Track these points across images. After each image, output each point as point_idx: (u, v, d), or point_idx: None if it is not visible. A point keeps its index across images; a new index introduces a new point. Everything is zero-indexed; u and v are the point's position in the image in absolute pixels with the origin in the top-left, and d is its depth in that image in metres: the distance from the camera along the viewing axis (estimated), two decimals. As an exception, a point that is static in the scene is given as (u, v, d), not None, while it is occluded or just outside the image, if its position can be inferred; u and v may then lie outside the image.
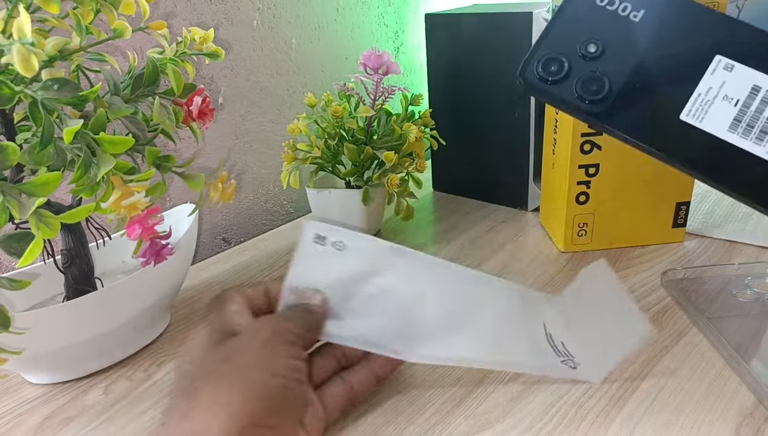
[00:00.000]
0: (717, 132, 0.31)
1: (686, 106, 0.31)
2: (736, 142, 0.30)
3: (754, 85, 0.31)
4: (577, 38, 0.33)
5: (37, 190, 0.39)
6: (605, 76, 0.33)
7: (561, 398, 0.44)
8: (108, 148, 0.40)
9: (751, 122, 0.30)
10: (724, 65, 0.31)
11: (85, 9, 0.43)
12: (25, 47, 0.35)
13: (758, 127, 0.30)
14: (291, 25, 0.85)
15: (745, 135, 0.30)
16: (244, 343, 0.37)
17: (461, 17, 0.77)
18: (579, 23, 0.34)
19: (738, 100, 0.31)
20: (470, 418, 0.43)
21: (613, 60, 0.33)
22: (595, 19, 0.34)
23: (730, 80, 0.31)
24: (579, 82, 0.33)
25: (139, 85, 0.47)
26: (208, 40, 0.52)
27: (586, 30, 0.33)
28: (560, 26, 0.34)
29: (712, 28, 0.32)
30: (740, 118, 0.31)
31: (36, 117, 0.38)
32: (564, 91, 0.33)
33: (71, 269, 0.51)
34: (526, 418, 0.43)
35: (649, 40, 0.33)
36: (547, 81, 0.33)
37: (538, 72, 0.34)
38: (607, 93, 0.32)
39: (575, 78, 0.33)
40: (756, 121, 0.30)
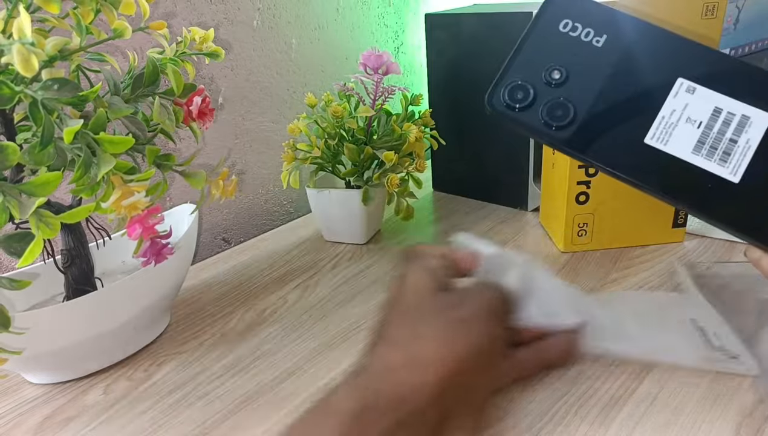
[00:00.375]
0: (681, 154, 0.31)
1: (650, 129, 0.31)
2: (701, 164, 0.31)
3: (715, 106, 0.31)
4: (541, 65, 0.34)
5: (37, 190, 0.39)
6: (570, 102, 0.33)
7: (561, 398, 0.44)
8: (108, 148, 0.40)
9: (714, 144, 0.31)
10: (686, 88, 0.32)
11: (85, 9, 0.43)
12: (25, 47, 0.35)
13: (721, 148, 0.31)
14: (291, 25, 0.85)
15: (709, 156, 0.31)
16: (471, 301, 0.37)
17: (461, 17, 0.77)
18: (543, 50, 0.34)
19: (701, 122, 0.31)
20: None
21: (578, 86, 0.33)
22: (558, 46, 0.34)
23: (692, 103, 0.31)
24: (545, 109, 0.33)
25: (139, 85, 0.47)
26: (208, 40, 0.52)
27: (550, 56, 0.34)
28: (525, 53, 0.34)
29: (674, 52, 0.33)
30: (703, 139, 0.31)
31: (36, 117, 0.38)
32: (531, 117, 0.33)
33: (71, 268, 0.51)
34: (526, 418, 0.43)
35: (612, 65, 0.33)
36: (514, 108, 0.34)
37: (505, 99, 0.34)
38: (572, 119, 0.32)
39: (541, 105, 0.33)
40: (719, 142, 0.31)
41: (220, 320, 0.60)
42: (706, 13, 0.57)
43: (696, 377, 0.46)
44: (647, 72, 0.33)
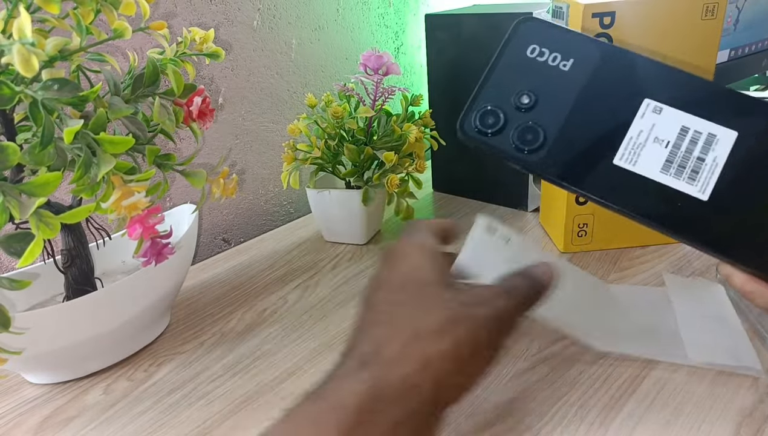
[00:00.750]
0: (650, 174, 0.31)
1: (619, 150, 0.32)
2: (670, 183, 0.31)
3: (682, 126, 0.31)
4: (511, 90, 0.34)
5: (38, 190, 0.39)
6: (540, 126, 0.33)
7: (561, 398, 0.44)
8: (108, 148, 0.40)
9: (682, 162, 0.31)
10: (653, 108, 0.32)
11: (85, 9, 0.43)
12: (25, 47, 0.35)
13: (689, 166, 0.31)
14: (291, 25, 0.85)
15: (678, 175, 0.31)
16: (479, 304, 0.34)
17: (461, 18, 0.77)
18: (512, 75, 0.34)
19: (668, 141, 0.31)
20: (471, 418, 0.43)
21: (547, 110, 0.33)
22: (527, 71, 0.34)
23: (659, 123, 0.32)
24: (515, 134, 0.33)
25: (139, 85, 0.47)
26: (208, 40, 0.52)
27: (519, 82, 0.34)
28: (494, 79, 0.35)
29: (640, 74, 0.33)
30: (671, 159, 0.31)
31: (36, 117, 0.38)
32: (502, 142, 0.34)
33: (71, 269, 0.51)
34: (526, 418, 0.43)
35: (580, 89, 0.33)
36: (486, 133, 0.34)
37: (476, 125, 0.34)
38: (542, 142, 0.33)
39: (512, 129, 0.34)
40: (687, 161, 0.31)
41: (220, 320, 0.60)
42: (705, 13, 0.57)
43: (696, 377, 0.46)
44: (614, 94, 0.33)
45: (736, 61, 0.76)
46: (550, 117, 0.33)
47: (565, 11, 0.59)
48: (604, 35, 0.56)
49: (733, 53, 0.76)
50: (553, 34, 0.35)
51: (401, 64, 1.08)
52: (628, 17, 0.56)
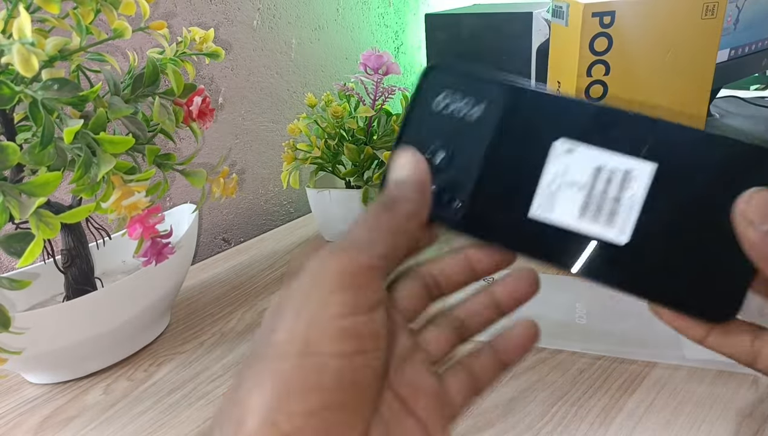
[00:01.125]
0: (568, 222, 0.29)
1: (534, 200, 0.30)
2: (588, 229, 0.29)
3: (596, 165, 0.30)
4: (424, 147, 0.32)
5: (38, 190, 0.39)
6: (455, 184, 0.31)
7: (561, 398, 0.44)
8: (108, 148, 0.40)
9: (599, 205, 0.29)
10: (565, 149, 0.30)
11: (85, 9, 0.43)
12: (25, 47, 0.35)
13: (606, 208, 0.29)
14: (291, 25, 0.85)
15: (595, 219, 0.29)
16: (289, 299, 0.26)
17: (461, 17, 0.77)
18: (424, 130, 0.32)
19: (583, 183, 0.29)
20: (470, 418, 0.43)
21: (461, 165, 0.31)
22: (438, 124, 0.32)
23: (572, 164, 0.30)
24: (433, 194, 0.31)
25: (139, 85, 0.47)
26: (208, 40, 0.52)
27: (431, 137, 0.32)
28: (408, 136, 0.33)
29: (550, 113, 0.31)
30: (588, 202, 0.29)
31: (36, 117, 0.38)
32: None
33: (71, 268, 0.51)
34: (526, 418, 0.43)
35: (490, 138, 0.31)
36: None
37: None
38: (460, 201, 0.31)
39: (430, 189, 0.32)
40: (603, 202, 0.29)
41: (220, 320, 0.60)
42: (705, 13, 0.57)
43: (696, 377, 0.46)
44: (524, 139, 0.31)
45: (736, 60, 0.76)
46: (465, 173, 0.31)
47: (565, 11, 0.59)
48: (604, 35, 0.56)
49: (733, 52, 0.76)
50: (462, 79, 0.32)
51: (401, 63, 1.08)
52: (628, 16, 0.56)
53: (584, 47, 0.56)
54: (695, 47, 0.58)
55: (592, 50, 0.56)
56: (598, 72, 0.57)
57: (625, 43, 0.56)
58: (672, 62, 0.58)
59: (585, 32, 0.56)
